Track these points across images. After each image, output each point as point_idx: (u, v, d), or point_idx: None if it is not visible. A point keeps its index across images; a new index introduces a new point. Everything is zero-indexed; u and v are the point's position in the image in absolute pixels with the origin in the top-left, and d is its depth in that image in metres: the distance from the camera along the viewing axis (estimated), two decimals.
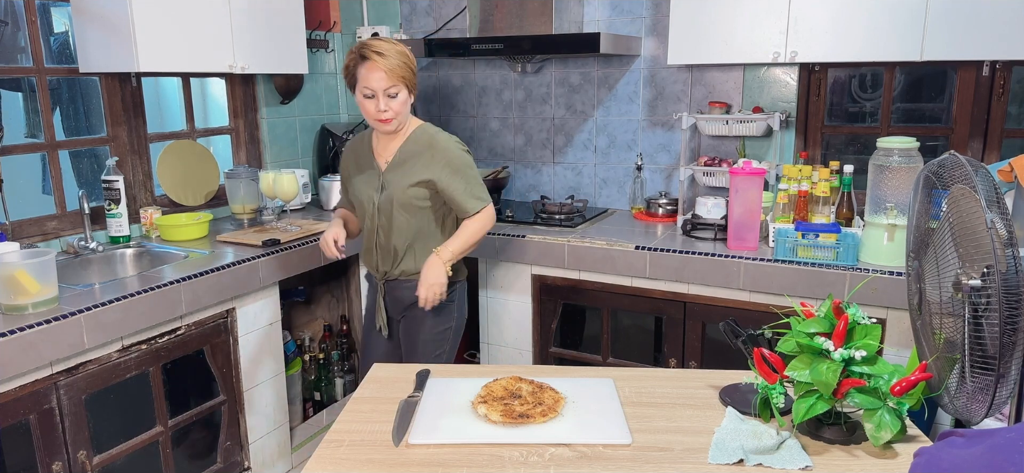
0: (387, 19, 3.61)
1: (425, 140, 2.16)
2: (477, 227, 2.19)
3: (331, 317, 3.45)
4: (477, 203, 2.18)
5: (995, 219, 1.22)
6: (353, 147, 2.30)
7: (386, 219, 2.18)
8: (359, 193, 2.23)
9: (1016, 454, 0.84)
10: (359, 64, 2.02)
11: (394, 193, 2.15)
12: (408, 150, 2.16)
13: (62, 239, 2.60)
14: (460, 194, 2.15)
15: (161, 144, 2.96)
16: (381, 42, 2.02)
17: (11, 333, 1.82)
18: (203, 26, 2.67)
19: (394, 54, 2.01)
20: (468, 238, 2.19)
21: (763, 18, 2.51)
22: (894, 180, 2.23)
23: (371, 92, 2.02)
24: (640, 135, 3.18)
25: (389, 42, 2.04)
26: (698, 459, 1.36)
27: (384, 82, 2.01)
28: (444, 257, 2.13)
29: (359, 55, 2.02)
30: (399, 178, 2.15)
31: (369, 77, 2.01)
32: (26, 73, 2.58)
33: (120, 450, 2.21)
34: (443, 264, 2.12)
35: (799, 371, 1.38)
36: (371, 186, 2.21)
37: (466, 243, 2.19)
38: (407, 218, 2.17)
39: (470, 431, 1.46)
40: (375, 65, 1.99)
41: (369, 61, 2.00)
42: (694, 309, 2.58)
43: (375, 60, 1.99)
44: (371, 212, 2.20)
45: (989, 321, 1.27)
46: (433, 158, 2.14)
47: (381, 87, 2.01)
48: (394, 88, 2.02)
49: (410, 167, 2.15)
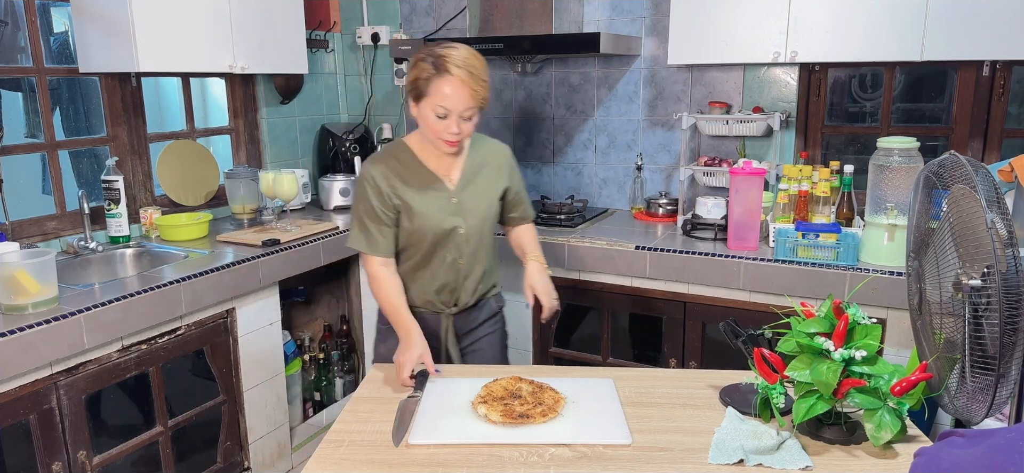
0: (387, 19, 3.61)
1: (482, 145, 1.94)
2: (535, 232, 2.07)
3: (331, 317, 3.45)
4: (532, 209, 2.08)
5: (995, 219, 1.22)
6: (392, 170, 1.83)
7: (474, 245, 1.91)
8: (427, 222, 1.83)
9: (1016, 454, 0.84)
10: (436, 78, 1.68)
11: (481, 214, 1.90)
12: (475, 160, 1.91)
13: (62, 239, 2.60)
14: (521, 198, 2.01)
15: (161, 144, 2.96)
16: (466, 55, 1.70)
17: (11, 333, 1.81)
18: (203, 26, 2.67)
19: (481, 73, 1.71)
20: (537, 241, 2.05)
21: (763, 18, 2.51)
22: (894, 180, 2.23)
23: (446, 112, 1.70)
24: (640, 135, 3.18)
25: (473, 56, 1.72)
26: (698, 459, 1.36)
27: (466, 103, 1.69)
28: (544, 262, 1.97)
29: (437, 67, 1.68)
30: (479, 194, 1.89)
31: (449, 96, 1.68)
32: (26, 73, 2.58)
33: (120, 450, 2.21)
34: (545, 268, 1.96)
35: (799, 371, 1.38)
36: (445, 210, 1.85)
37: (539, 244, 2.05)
38: (486, 241, 1.95)
39: (470, 431, 1.46)
40: (462, 85, 1.67)
41: (452, 77, 1.67)
42: (694, 309, 2.58)
43: (462, 80, 1.67)
44: (454, 241, 1.87)
45: (989, 321, 1.27)
46: (501, 164, 1.94)
47: (460, 109, 1.70)
48: (471, 111, 1.72)
49: (486, 180, 1.91)
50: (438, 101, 1.69)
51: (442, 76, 1.67)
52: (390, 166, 1.84)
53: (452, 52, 1.69)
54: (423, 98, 1.71)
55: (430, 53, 1.70)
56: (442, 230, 1.85)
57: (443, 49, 1.69)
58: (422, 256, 1.88)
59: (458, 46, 1.71)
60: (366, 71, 3.73)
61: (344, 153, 3.51)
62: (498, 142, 1.99)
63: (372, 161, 1.86)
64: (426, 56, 1.70)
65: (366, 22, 3.64)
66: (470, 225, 1.88)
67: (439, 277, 1.90)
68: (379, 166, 1.83)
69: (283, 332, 2.80)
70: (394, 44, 3.15)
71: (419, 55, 1.72)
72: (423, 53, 1.71)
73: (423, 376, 1.70)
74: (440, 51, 1.69)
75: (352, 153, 3.50)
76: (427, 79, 1.68)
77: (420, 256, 1.88)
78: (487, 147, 1.95)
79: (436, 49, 1.70)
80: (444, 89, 1.67)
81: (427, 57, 1.69)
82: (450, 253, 1.88)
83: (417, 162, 1.85)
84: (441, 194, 1.85)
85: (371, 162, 1.86)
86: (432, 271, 1.90)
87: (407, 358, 1.69)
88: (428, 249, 1.87)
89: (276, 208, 3.03)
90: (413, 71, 1.72)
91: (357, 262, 3.18)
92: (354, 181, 1.91)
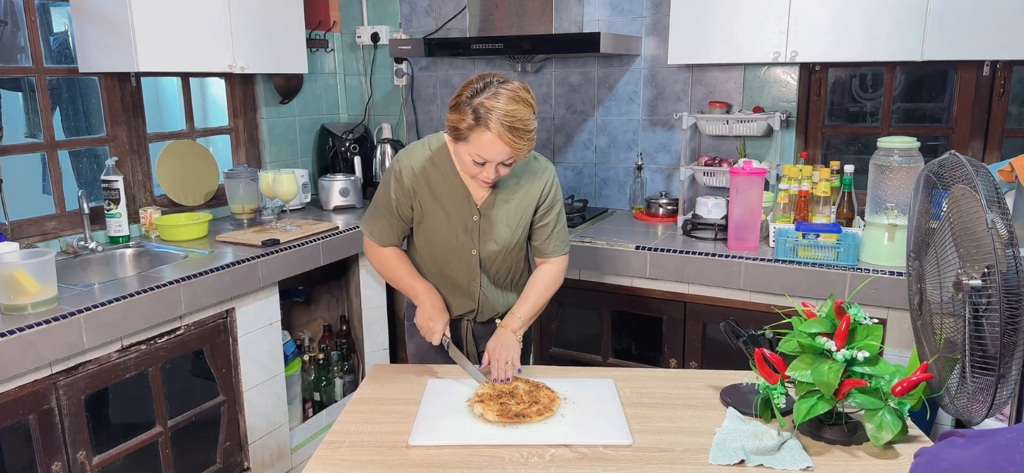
0: (387, 19, 3.61)
1: (522, 165, 1.78)
2: (552, 281, 1.84)
3: (331, 317, 3.44)
4: (563, 246, 1.85)
5: (996, 219, 1.22)
6: (424, 172, 1.76)
7: (488, 271, 1.84)
8: (447, 238, 1.79)
9: (1016, 454, 0.84)
10: (476, 129, 1.55)
11: (502, 240, 1.79)
12: (511, 179, 1.77)
13: (62, 239, 2.59)
14: (549, 231, 1.82)
15: (161, 144, 2.95)
16: (510, 106, 1.54)
17: (10, 333, 1.81)
18: (203, 26, 2.66)
19: (526, 124, 1.56)
20: (540, 298, 1.82)
21: (763, 18, 2.51)
22: (895, 180, 2.23)
23: (484, 160, 1.60)
24: (640, 135, 3.17)
25: (520, 104, 1.55)
26: (699, 460, 1.36)
27: (504, 156, 1.59)
28: (514, 327, 1.77)
29: (477, 119, 1.54)
30: (505, 220, 1.78)
31: (488, 149, 1.57)
32: (26, 73, 2.57)
33: (120, 450, 2.20)
34: (515, 336, 1.76)
35: (800, 371, 1.38)
36: (466, 230, 1.78)
37: (537, 306, 1.82)
38: (512, 263, 1.86)
39: (470, 432, 1.46)
40: (502, 143, 1.55)
41: (491, 135, 1.54)
42: (694, 309, 2.58)
43: (502, 138, 1.54)
44: (466, 262, 1.82)
45: (990, 321, 1.26)
46: (536, 186, 1.79)
47: (498, 160, 1.60)
48: (514, 159, 1.62)
49: (516, 203, 1.78)
50: (477, 151, 1.58)
51: (482, 130, 1.55)
52: (423, 165, 1.76)
53: (496, 105, 1.53)
54: (461, 142, 1.60)
55: (474, 101, 1.55)
56: (452, 248, 1.79)
57: (488, 98, 1.54)
58: (437, 267, 1.85)
59: (503, 92, 1.55)
60: (366, 71, 3.73)
61: (344, 153, 3.51)
62: (543, 162, 1.82)
63: (407, 153, 1.78)
64: (469, 102, 1.56)
65: (366, 22, 3.64)
66: (487, 249, 1.79)
67: (455, 297, 1.87)
68: (412, 161, 1.77)
69: (283, 332, 2.80)
70: (394, 44, 3.15)
71: (462, 95, 1.58)
72: (467, 96, 1.57)
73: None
74: (485, 103, 1.54)
75: (352, 153, 3.50)
76: (468, 128, 1.56)
77: (436, 269, 1.86)
78: (531, 166, 1.80)
79: (481, 98, 1.55)
80: (483, 141, 1.56)
81: (469, 104, 1.56)
82: (463, 274, 1.83)
83: (451, 168, 1.75)
84: (464, 210, 1.77)
85: (407, 153, 1.78)
86: (449, 289, 1.87)
87: (436, 325, 1.76)
88: (441, 263, 1.84)
89: (276, 208, 3.03)
90: (455, 114, 1.59)
91: (357, 262, 3.17)
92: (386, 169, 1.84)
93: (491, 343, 1.74)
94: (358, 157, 3.49)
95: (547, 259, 1.86)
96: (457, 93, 1.60)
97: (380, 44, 3.61)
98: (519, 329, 1.78)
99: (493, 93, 1.55)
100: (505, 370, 1.67)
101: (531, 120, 1.58)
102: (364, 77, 3.75)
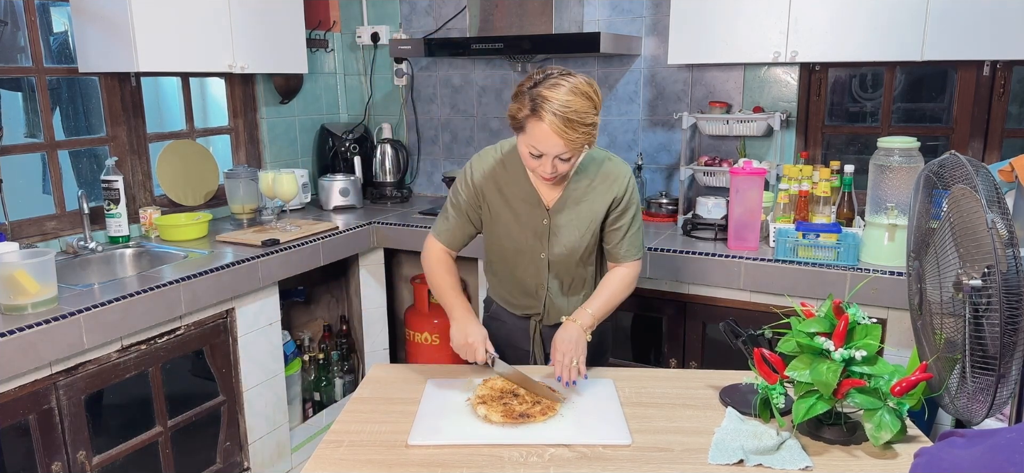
0: (387, 19, 3.61)
1: (598, 166, 1.76)
2: (625, 284, 1.79)
3: (331, 317, 3.45)
4: (636, 251, 1.81)
5: (996, 219, 1.22)
6: (494, 175, 1.76)
7: (557, 275, 1.81)
8: (517, 240, 1.77)
9: (1016, 454, 0.84)
10: (532, 119, 1.55)
11: (571, 243, 1.76)
12: (583, 183, 1.75)
13: (61, 239, 2.59)
14: (621, 235, 1.78)
15: (160, 144, 2.95)
16: (568, 97, 1.52)
17: (10, 333, 1.81)
18: (203, 26, 2.66)
19: (583, 116, 1.53)
20: (612, 298, 1.77)
21: (763, 18, 2.50)
22: (895, 180, 2.22)
23: (540, 153, 1.58)
24: (640, 135, 3.17)
25: (578, 96, 1.53)
26: (698, 459, 1.36)
27: (560, 149, 1.57)
28: (585, 324, 1.69)
29: (533, 109, 1.54)
30: (575, 223, 1.75)
31: (542, 141, 1.55)
32: (26, 73, 2.57)
33: (120, 450, 2.20)
34: (584, 333, 1.68)
35: (799, 371, 1.38)
36: (536, 233, 1.76)
37: (609, 305, 1.76)
38: (582, 267, 1.82)
39: (470, 432, 1.46)
40: (555, 134, 1.53)
41: (543, 125, 1.53)
42: (694, 309, 2.57)
43: (555, 129, 1.53)
44: (536, 265, 1.79)
45: (990, 321, 1.26)
46: (610, 188, 1.75)
47: (554, 153, 1.58)
48: (569, 153, 1.59)
49: (588, 205, 1.75)
50: (532, 142, 1.57)
51: (536, 119, 1.54)
52: (494, 167, 1.77)
53: (553, 95, 1.52)
54: (520, 133, 1.60)
55: (532, 90, 1.54)
56: (521, 250, 1.78)
57: (547, 88, 1.53)
58: (506, 268, 1.84)
59: (563, 83, 1.53)
60: (366, 71, 3.73)
61: (344, 153, 3.51)
62: (619, 163, 1.79)
63: (480, 155, 1.80)
64: (527, 91, 1.55)
65: (366, 22, 3.64)
66: (555, 252, 1.77)
67: (523, 299, 1.86)
68: (485, 162, 1.78)
69: (283, 332, 2.80)
70: (394, 44, 3.15)
71: (523, 85, 1.58)
72: (527, 85, 1.56)
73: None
74: (543, 92, 1.52)
75: (352, 153, 3.50)
76: (525, 117, 1.56)
77: (505, 270, 1.85)
78: (604, 168, 1.76)
79: (540, 88, 1.53)
80: (537, 132, 1.54)
81: (528, 93, 1.55)
82: (532, 278, 1.81)
83: (521, 170, 1.74)
84: (534, 212, 1.75)
85: (480, 155, 1.80)
86: (518, 291, 1.85)
87: (475, 342, 1.66)
88: (510, 266, 1.82)
89: (276, 208, 3.03)
90: (514, 103, 1.58)
91: (357, 262, 3.17)
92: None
93: (558, 335, 1.66)
94: (358, 157, 3.49)
95: (619, 263, 1.80)
96: (520, 82, 1.60)
97: (380, 44, 3.61)
98: (589, 326, 1.70)
99: (553, 83, 1.54)
100: (570, 372, 1.59)
101: (589, 114, 1.54)
102: (364, 77, 3.75)
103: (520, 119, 1.57)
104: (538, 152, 1.58)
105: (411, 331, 3.37)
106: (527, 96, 1.55)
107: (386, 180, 3.55)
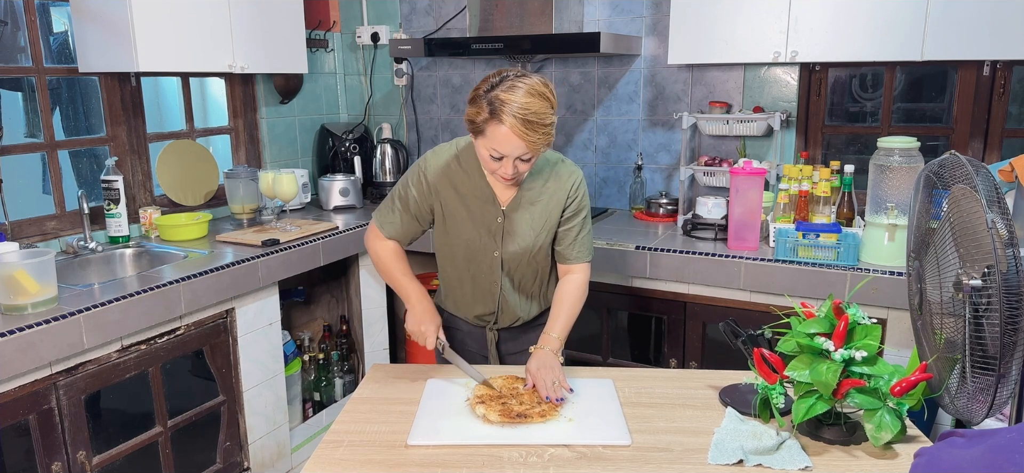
0: (387, 19, 3.61)
1: (551, 168, 1.78)
2: (579, 293, 1.79)
3: (331, 317, 3.44)
4: (586, 254, 1.82)
5: (996, 219, 1.22)
6: (448, 172, 1.77)
7: (510, 274, 1.82)
8: (470, 239, 1.78)
9: (1016, 454, 0.84)
10: (491, 122, 1.55)
11: (525, 243, 1.77)
12: (538, 183, 1.77)
13: (61, 239, 2.59)
14: (573, 236, 1.79)
15: (160, 144, 2.95)
16: (526, 99, 1.53)
17: (10, 333, 1.81)
18: (203, 26, 2.66)
19: (542, 118, 1.55)
20: (571, 312, 1.77)
21: (763, 18, 2.50)
22: (895, 180, 2.22)
23: (500, 155, 1.59)
24: (640, 135, 3.17)
25: (536, 97, 1.54)
26: (698, 460, 1.36)
27: (520, 151, 1.58)
28: (553, 347, 1.70)
29: (492, 112, 1.54)
30: (529, 222, 1.77)
31: (503, 144, 1.56)
32: (26, 73, 2.57)
33: (119, 450, 2.20)
34: (555, 355, 1.69)
35: (799, 371, 1.38)
36: (490, 231, 1.77)
37: (570, 321, 1.77)
38: (535, 268, 1.83)
39: (469, 432, 1.46)
40: (515, 136, 1.54)
41: (504, 128, 1.54)
42: (694, 309, 2.57)
43: (515, 132, 1.54)
44: (488, 263, 1.80)
45: (990, 321, 1.26)
46: (562, 190, 1.77)
47: (515, 155, 1.59)
48: (529, 154, 1.60)
49: (542, 206, 1.77)
50: (493, 145, 1.58)
51: (496, 123, 1.55)
52: (449, 165, 1.77)
53: (511, 97, 1.53)
54: (479, 136, 1.60)
55: (489, 94, 1.55)
56: (475, 249, 1.78)
57: (504, 91, 1.54)
58: (458, 272, 1.84)
59: (520, 86, 1.54)
60: (366, 71, 3.73)
61: (343, 153, 3.51)
62: (570, 165, 1.81)
63: (434, 152, 1.80)
64: (485, 95, 1.56)
65: (366, 22, 3.64)
66: (508, 251, 1.77)
67: (476, 300, 1.85)
68: (440, 159, 1.77)
69: (283, 332, 2.80)
70: (394, 44, 3.15)
71: (479, 89, 1.58)
72: (483, 89, 1.57)
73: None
74: (500, 95, 1.54)
75: (352, 153, 3.50)
76: (483, 121, 1.57)
77: (456, 272, 1.85)
78: (557, 169, 1.79)
79: (497, 91, 1.55)
80: (497, 135, 1.56)
81: (485, 97, 1.56)
82: (485, 276, 1.81)
83: (477, 168, 1.75)
84: (489, 211, 1.76)
85: (434, 152, 1.80)
86: (469, 291, 1.85)
87: (428, 329, 1.74)
88: (462, 265, 1.82)
89: (276, 208, 3.03)
90: (472, 107, 1.59)
91: (357, 262, 3.17)
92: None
93: (532, 366, 1.65)
94: (358, 157, 3.49)
95: (570, 266, 1.81)
96: (475, 87, 1.60)
97: (380, 44, 3.61)
98: (557, 349, 1.70)
99: (509, 86, 1.54)
100: (554, 390, 1.58)
101: (547, 115, 1.56)
102: (364, 77, 3.75)
103: (479, 123, 1.57)
104: (499, 154, 1.59)
105: None
106: (484, 100, 1.55)
107: (386, 180, 3.55)
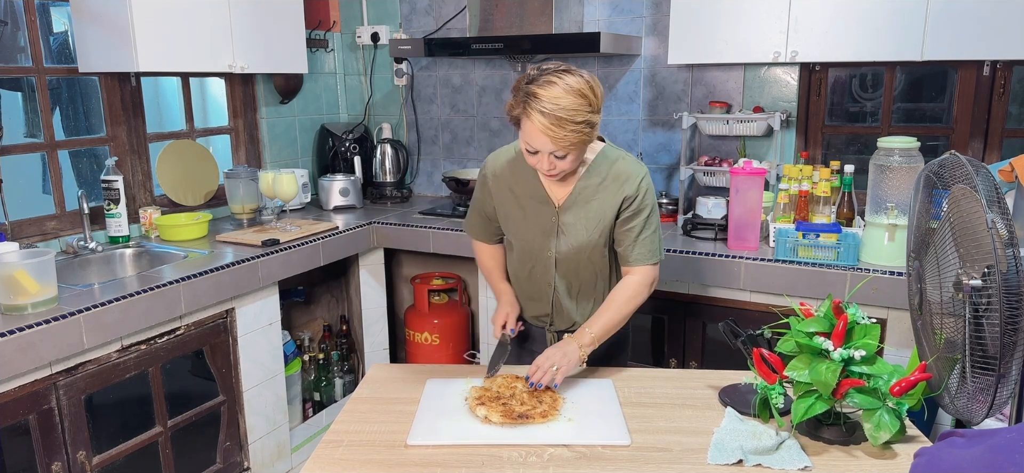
0: (387, 19, 3.61)
1: (610, 164, 1.73)
2: (631, 294, 1.73)
3: (331, 317, 3.45)
4: (648, 256, 1.74)
5: (996, 219, 1.22)
6: (504, 173, 1.78)
7: (565, 275, 1.79)
8: (525, 238, 1.78)
9: (1016, 454, 0.84)
10: (523, 117, 1.56)
11: (578, 241, 1.73)
12: (594, 180, 1.72)
13: (61, 239, 2.60)
14: (633, 237, 1.72)
15: (160, 144, 2.95)
16: (559, 94, 1.51)
17: (10, 333, 1.81)
18: (203, 26, 2.66)
19: (573, 114, 1.51)
20: (616, 313, 1.71)
21: (763, 18, 2.50)
22: (895, 180, 2.22)
23: (535, 149, 1.58)
24: (640, 135, 3.17)
25: (569, 93, 1.51)
26: (697, 459, 1.36)
27: (550, 147, 1.56)
28: (582, 341, 1.65)
29: (524, 106, 1.54)
30: (583, 222, 1.73)
31: (533, 138, 1.56)
32: (26, 73, 2.58)
33: (119, 450, 2.20)
34: (580, 350, 1.64)
35: (798, 371, 1.38)
36: (544, 231, 1.75)
37: (612, 322, 1.71)
38: (592, 269, 1.79)
39: (469, 432, 1.46)
40: (542, 132, 1.53)
41: (532, 124, 1.53)
42: (694, 309, 2.57)
43: (541, 128, 1.52)
44: (544, 263, 1.78)
45: (990, 321, 1.26)
46: (622, 187, 1.71)
47: (547, 150, 1.57)
48: (563, 150, 1.57)
49: (599, 203, 1.72)
50: (526, 139, 1.58)
51: (526, 117, 1.54)
52: (506, 166, 1.79)
53: (544, 92, 1.51)
54: (518, 129, 1.61)
55: (526, 87, 1.54)
56: (531, 249, 1.78)
57: (539, 86, 1.52)
58: (516, 271, 1.86)
59: (557, 81, 1.52)
60: (366, 71, 3.73)
61: (344, 153, 3.51)
62: (631, 164, 1.74)
63: (495, 155, 1.83)
64: (522, 88, 1.55)
65: (366, 22, 3.64)
66: (563, 251, 1.74)
67: (532, 300, 1.85)
68: (497, 162, 1.81)
69: (283, 332, 2.80)
70: (394, 44, 3.15)
71: (519, 81, 1.57)
72: (523, 81, 1.56)
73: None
74: (533, 89, 1.52)
75: (352, 153, 3.50)
76: (518, 115, 1.57)
77: (515, 271, 1.87)
78: (616, 167, 1.73)
79: (534, 85, 1.53)
80: (528, 130, 1.55)
81: (522, 90, 1.55)
82: (540, 276, 1.80)
83: (532, 169, 1.73)
84: (543, 211, 1.74)
85: (495, 155, 1.83)
86: (527, 290, 1.85)
87: (498, 317, 1.83)
88: (519, 264, 1.83)
89: (276, 208, 3.03)
90: (511, 99, 1.59)
91: (357, 262, 3.17)
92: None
93: (551, 348, 1.64)
94: (358, 157, 3.49)
95: (631, 268, 1.75)
96: (519, 78, 1.59)
97: (380, 44, 3.61)
98: (587, 345, 1.65)
99: (546, 81, 1.53)
100: (540, 376, 1.57)
101: (579, 112, 1.52)
102: (364, 77, 3.75)
103: (515, 116, 1.59)
104: (533, 148, 1.59)
105: (411, 331, 3.37)
106: (521, 93, 1.56)
107: (386, 180, 3.55)
